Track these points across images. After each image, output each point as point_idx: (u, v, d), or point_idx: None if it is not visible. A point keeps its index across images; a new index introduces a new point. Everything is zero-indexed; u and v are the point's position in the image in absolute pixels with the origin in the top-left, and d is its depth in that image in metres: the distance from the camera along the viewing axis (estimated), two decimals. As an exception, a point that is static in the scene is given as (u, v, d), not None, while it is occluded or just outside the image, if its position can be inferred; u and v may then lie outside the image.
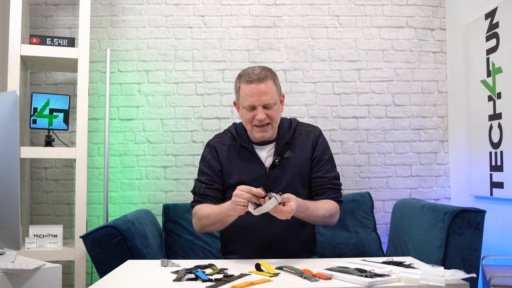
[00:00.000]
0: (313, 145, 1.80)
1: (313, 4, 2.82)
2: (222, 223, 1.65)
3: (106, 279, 1.28)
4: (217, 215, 1.64)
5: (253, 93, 1.67)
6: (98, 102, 2.72)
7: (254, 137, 1.78)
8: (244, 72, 1.73)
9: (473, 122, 2.50)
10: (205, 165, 1.82)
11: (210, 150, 1.84)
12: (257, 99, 1.67)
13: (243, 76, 1.71)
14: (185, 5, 2.79)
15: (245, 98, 1.69)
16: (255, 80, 1.67)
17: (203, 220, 1.71)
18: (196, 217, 1.75)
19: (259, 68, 1.72)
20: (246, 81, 1.69)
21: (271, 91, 1.69)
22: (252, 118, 1.70)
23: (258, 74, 1.68)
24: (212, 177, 1.79)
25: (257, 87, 1.67)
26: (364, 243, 2.43)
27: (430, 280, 1.11)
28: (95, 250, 1.84)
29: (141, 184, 2.71)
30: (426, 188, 2.80)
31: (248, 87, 1.68)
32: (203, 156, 1.85)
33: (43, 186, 2.69)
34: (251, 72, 1.69)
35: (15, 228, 1.21)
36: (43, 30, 2.73)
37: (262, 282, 1.19)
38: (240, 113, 1.78)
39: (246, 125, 1.75)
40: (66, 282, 2.61)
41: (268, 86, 1.68)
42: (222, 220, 1.63)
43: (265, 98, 1.67)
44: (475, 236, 1.87)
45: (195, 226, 1.76)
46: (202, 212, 1.71)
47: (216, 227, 1.69)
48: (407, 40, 2.84)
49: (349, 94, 2.80)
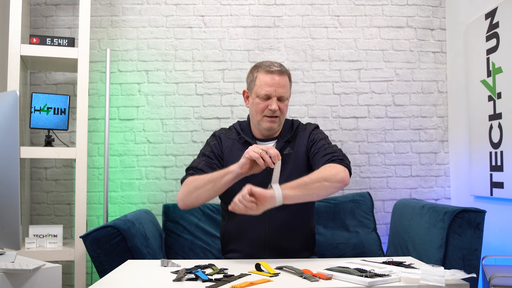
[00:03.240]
0: (309, 137, 1.82)
1: (313, 4, 2.83)
2: (214, 183, 1.59)
3: (106, 279, 1.28)
4: (213, 175, 1.60)
5: (272, 83, 1.73)
6: (98, 102, 2.72)
7: (260, 129, 1.80)
8: (262, 63, 1.80)
9: (473, 122, 2.50)
10: (207, 149, 1.83)
11: (215, 138, 1.86)
12: (275, 90, 1.73)
13: (262, 66, 1.78)
14: (185, 5, 2.79)
15: (262, 87, 1.74)
16: (276, 71, 1.74)
17: (193, 183, 1.64)
18: (184, 185, 1.68)
19: (278, 63, 1.80)
20: (266, 71, 1.75)
21: (287, 86, 1.77)
22: (264, 108, 1.75)
23: (279, 66, 1.77)
24: (212, 159, 1.79)
25: (277, 79, 1.74)
26: (364, 243, 2.43)
27: (430, 280, 1.11)
28: (95, 250, 1.84)
29: (141, 184, 2.71)
30: (426, 188, 2.80)
31: (268, 76, 1.74)
32: (207, 142, 1.87)
33: (43, 186, 2.70)
34: (271, 64, 1.77)
35: (15, 228, 1.21)
36: (43, 30, 2.74)
37: (262, 282, 1.19)
38: (251, 102, 1.81)
39: (256, 115, 1.78)
40: (66, 282, 2.61)
41: (285, 80, 1.77)
42: (216, 180, 1.59)
43: (282, 90, 1.74)
44: (475, 236, 1.87)
45: (180, 195, 1.68)
46: (195, 177, 1.67)
47: (205, 191, 1.61)
48: (407, 40, 2.84)
49: (349, 94, 2.80)
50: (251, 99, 1.81)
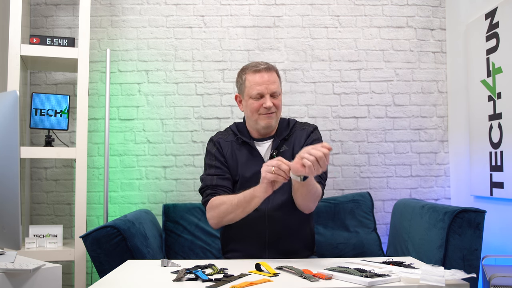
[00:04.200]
0: (306, 138, 1.83)
1: (313, 4, 2.82)
2: (244, 208, 1.61)
3: (106, 279, 1.28)
4: (240, 200, 1.61)
5: (262, 81, 1.74)
6: (98, 102, 2.72)
7: (258, 128, 1.80)
8: (248, 65, 1.82)
9: (473, 122, 2.50)
10: (212, 158, 1.82)
11: (214, 145, 1.85)
12: (266, 87, 1.74)
13: (249, 68, 1.79)
14: (185, 5, 2.79)
15: (253, 87, 1.75)
16: (263, 69, 1.76)
17: (222, 207, 1.65)
18: (212, 208, 1.69)
19: (263, 62, 1.81)
20: (253, 71, 1.77)
21: (276, 81, 1.78)
22: (259, 106, 1.75)
23: (265, 64, 1.78)
24: (221, 168, 1.79)
25: (266, 76, 1.75)
26: (364, 243, 2.43)
27: (430, 280, 1.11)
28: (95, 250, 1.84)
29: (141, 184, 2.71)
30: (426, 188, 2.80)
31: (256, 75, 1.75)
32: (208, 151, 1.86)
33: (43, 186, 2.69)
34: (257, 64, 1.78)
35: (15, 228, 1.21)
36: (43, 30, 2.73)
37: (262, 282, 1.19)
38: (244, 105, 1.82)
39: (252, 115, 1.78)
40: (66, 282, 2.61)
41: (274, 76, 1.78)
42: (245, 204, 1.60)
43: (273, 86, 1.75)
44: (475, 236, 1.87)
45: (212, 219, 1.70)
46: (220, 200, 1.67)
47: (236, 215, 1.63)
48: (407, 40, 2.84)
49: (349, 94, 2.80)
50: (244, 102, 1.82)
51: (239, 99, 1.86)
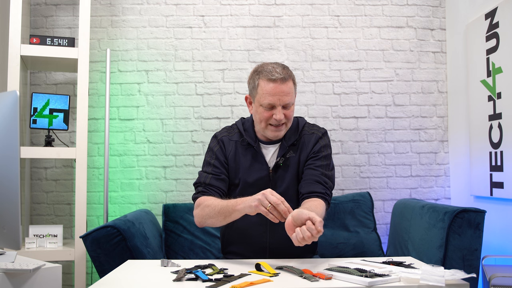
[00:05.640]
0: (314, 144, 1.76)
1: (313, 4, 2.83)
2: (225, 217, 1.56)
3: (106, 279, 1.28)
4: (223, 208, 1.56)
5: (275, 93, 1.62)
6: (98, 102, 2.72)
7: (264, 135, 1.74)
8: (264, 68, 1.68)
9: (473, 122, 2.50)
10: (212, 156, 1.77)
11: (217, 143, 1.79)
12: (279, 99, 1.63)
13: (263, 73, 1.66)
14: (185, 5, 2.79)
15: (265, 96, 1.64)
16: (279, 79, 1.63)
17: (206, 209, 1.61)
18: (199, 207, 1.65)
19: (280, 67, 1.67)
20: (268, 79, 1.64)
21: (291, 92, 1.66)
22: (269, 117, 1.66)
23: (281, 73, 1.64)
24: (218, 168, 1.74)
25: (280, 87, 1.63)
26: (364, 243, 2.43)
27: (430, 280, 1.11)
28: (95, 250, 1.84)
29: (141, 184, 2.71)
30: (426, 188, 2.80)
31: (270, 85, 1.63)
32: (210, 148, 1.80)
33: (43, 186, 2.70)
34: (273, 70, 1.64)
35: (15, 228, 1.21)
36: (43, 30, 2.74)
37: (262, 282, 1.19)
38: (254, 110, 1.72)
39: (260, 123, 1.69)
40: (66, 282, 2.61)
41: (289, 86, 1.65)
42: (226, 214, 1.55)
43: (286, 98, 1.64)
44: (475, 236, 1.87)
45: (196, 217, 1.67)
46: (207, 202, 1.63)
47: (217, 221, 1.59)
48: (407, 40, 2.84)
49: (349, 94, 2.80)
50: (254, 106, 1.71)
51: (249, 101, 1.75)
